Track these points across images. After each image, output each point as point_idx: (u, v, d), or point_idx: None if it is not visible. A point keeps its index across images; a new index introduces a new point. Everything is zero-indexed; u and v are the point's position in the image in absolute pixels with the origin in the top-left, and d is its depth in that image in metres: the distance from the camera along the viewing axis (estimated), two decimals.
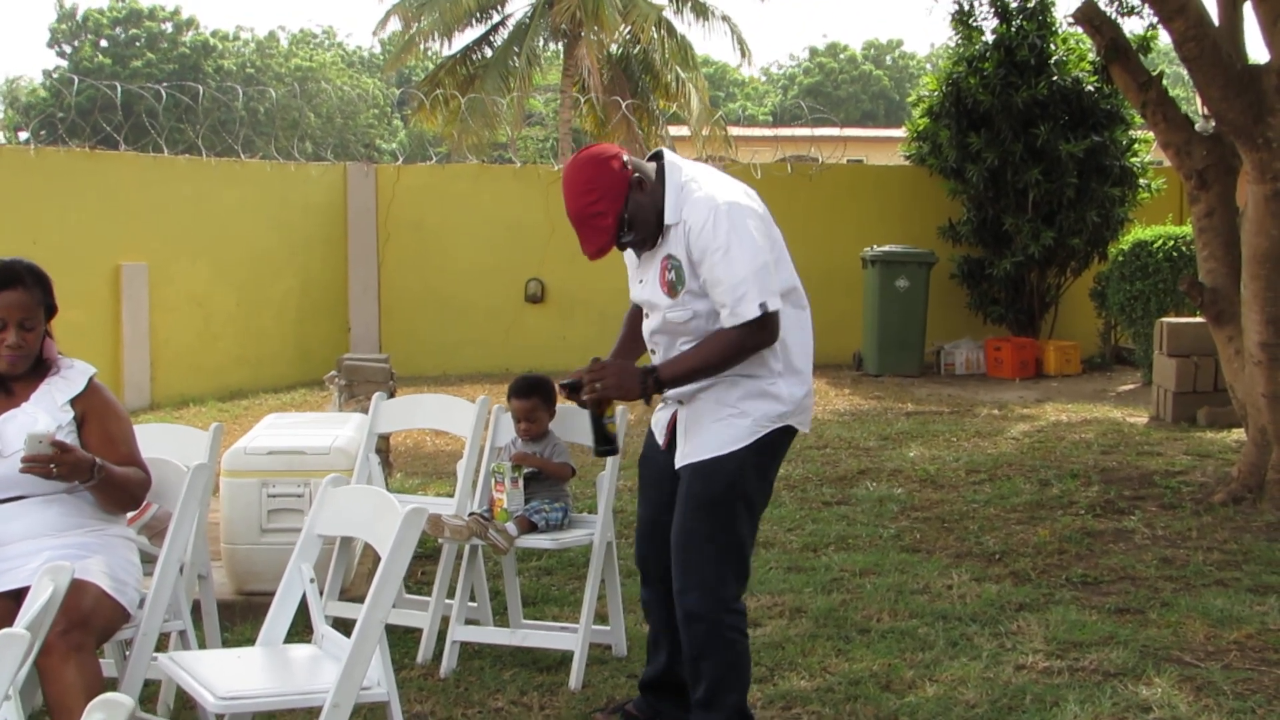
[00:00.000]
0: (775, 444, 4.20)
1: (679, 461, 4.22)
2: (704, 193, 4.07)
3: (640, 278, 4.27)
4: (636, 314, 4.46)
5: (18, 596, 3.60)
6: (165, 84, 14.65)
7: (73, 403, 4.16)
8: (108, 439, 4.16)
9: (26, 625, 3.01)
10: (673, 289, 4.11)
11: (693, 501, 4.13)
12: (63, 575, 3.22)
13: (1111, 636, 5.47)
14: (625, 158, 4.11)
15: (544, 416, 5.28)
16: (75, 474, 3.93)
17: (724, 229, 3.98)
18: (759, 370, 4.12)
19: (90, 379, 4.24)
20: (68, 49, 57.65)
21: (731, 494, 4.13)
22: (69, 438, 4.06)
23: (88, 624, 3.73)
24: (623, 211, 4.05)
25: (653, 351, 4.32)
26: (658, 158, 4.21)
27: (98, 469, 3.98)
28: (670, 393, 4.23)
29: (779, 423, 4.14)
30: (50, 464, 3.86)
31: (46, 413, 4.10)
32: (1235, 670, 5.09)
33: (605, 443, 4.26)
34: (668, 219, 4.10)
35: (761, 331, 4.02)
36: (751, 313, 3.96)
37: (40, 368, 4.19)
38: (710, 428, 4.14)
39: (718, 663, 4.11)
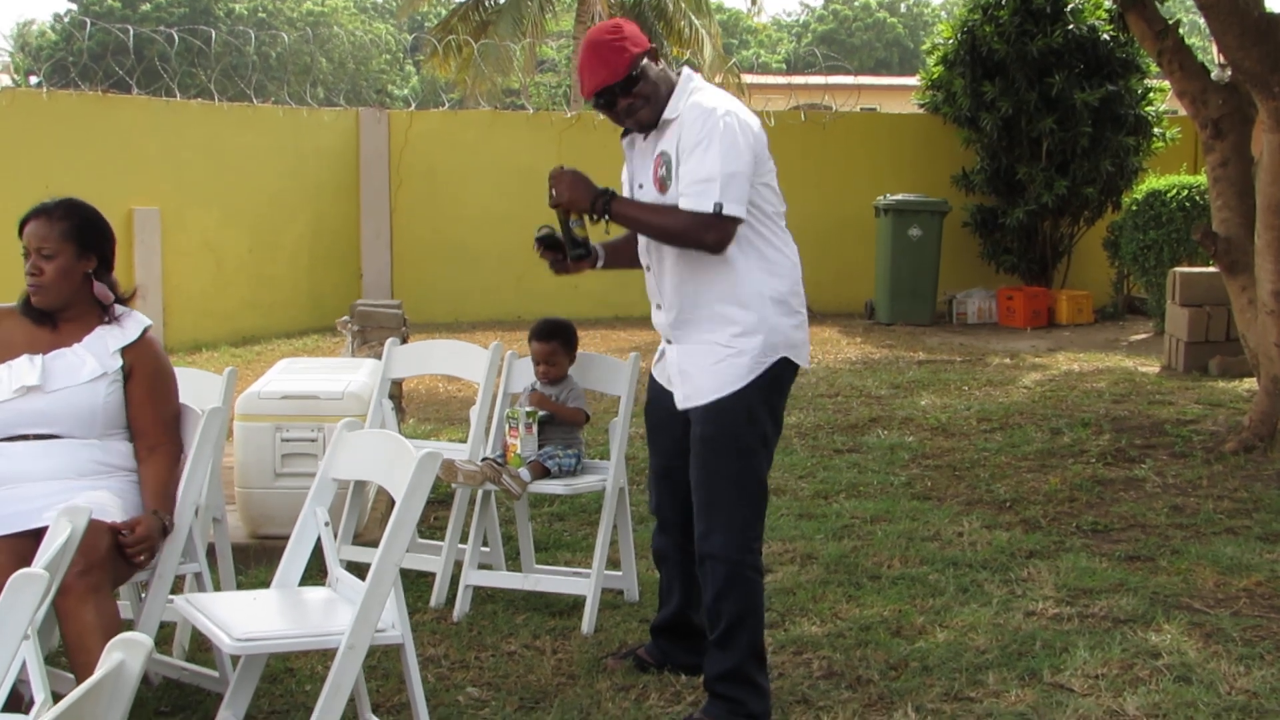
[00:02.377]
0: (778, 378, 4.21)
1: (680, 404, 4.24)
2: (708, 98, 4.13)
3: (640, 182, 4.28)
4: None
5: (37, 536, 3.62)
6: (176, 28, 14.58)
7: (123, 351, 4.21)
8: (150, 397, 4.22)
9: (45, 565, 3.04)
10: (663, 184, 4.14)
11: (708, 445, 4.15)
12: (80, 516, 3.24)
13: (1121, 583, 5.50)
14: None
15: (564, 360, 5.29)
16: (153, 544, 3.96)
17: (711, 127, 4.03)
18: (747, 301, 4.12)
19: (145, 331, 4.29)
20: None
21: (745, 434, 4.15)
22: (115, 386, 4.15)
23: (105, 565, 3.76)
24: (642, 57, 4.11)
25: (647, 268, 4.33)
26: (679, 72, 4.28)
27: (165, 522, 4.02)
28: (658, 321, 4.29)
29: (774, 354, 4.15)
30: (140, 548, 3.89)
31: (96, 357, 4.16)
32: (1244, 617, 5.11)
33: (575, 245, 4.27)
34: (668, 113, 4.15)
35: (707, 231, 4.02)
36: (705, 206, 3.98)
37: (93, 311, 4.25)
38: (709, 369, 4.15)
39: (737, 603, 4.14)
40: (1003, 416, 9.12)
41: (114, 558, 3.81)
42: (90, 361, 4.14)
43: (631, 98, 4.14)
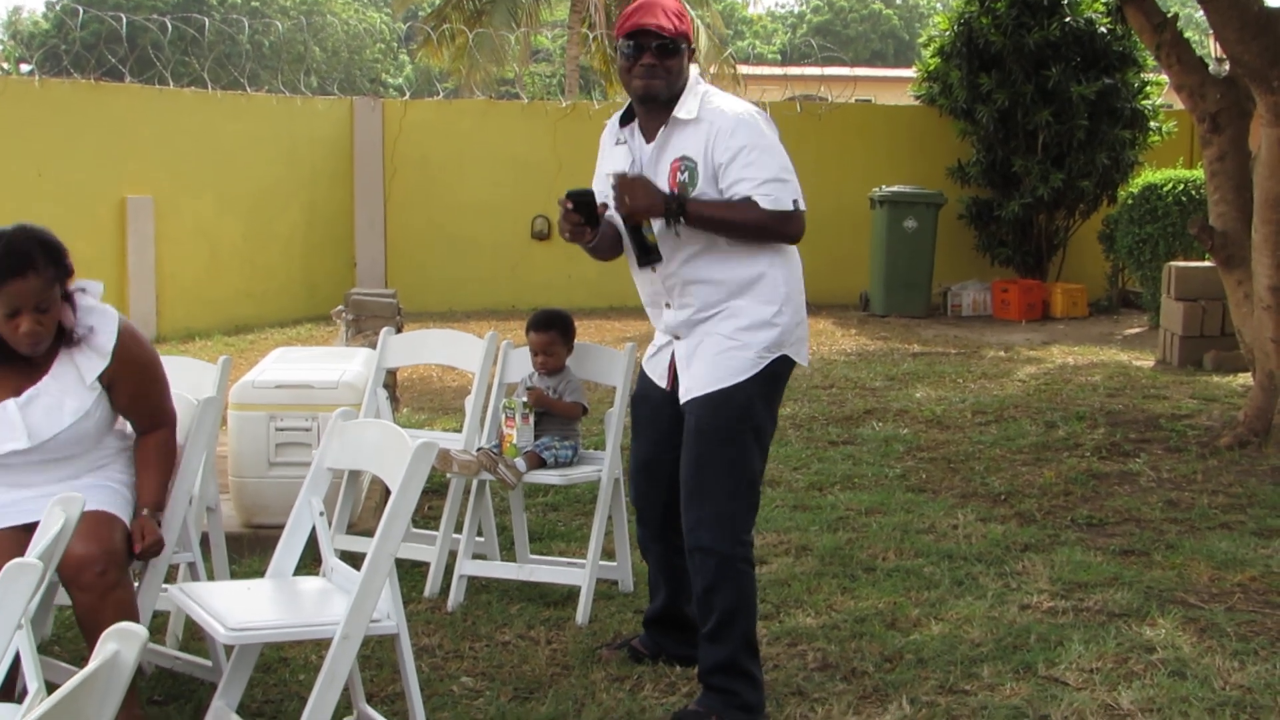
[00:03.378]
0: (778, 374, 4.21)
1: (684, 396, 4.22)
2: (726, 102, 4.17)
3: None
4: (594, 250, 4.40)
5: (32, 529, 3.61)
6: (169, 16, 14.54)
7: (100, 377, 3.92)
8: (136, 397, 4.02)
9: (38, 555, 3.02)
10: (683, 189, 4.11)
11: (703, 436, 4.14)
12: (74, 506, 3.22)
13: (1116, 578, 5.49)
14: None
15: (561, 351, 5.27)
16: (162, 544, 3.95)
17: (756, 131, 4.09)
18: (759, 297, 4.12)
19: (117, 339, 3.94)
20: None
21: (742, 426, 4.14)
22: (100, 405, 3.92)
23: (121, 560, 3.77)
24: (687, 41, 4.14)
25: (653, 269, 4.30)
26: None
27: (158, 520, 3.99)
28: (669, 320, 4.25)
29: (777, 351, 4.15)
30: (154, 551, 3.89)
31: (73, 394, 3.88)
32: (1239, 612, 5.11)
33: (647, 253, 4.20)
34: (682, 113, 4.13)
35: (788, 224, 4.10)
36: (787, 203, 4.06)
37: (58, 334, 3.88)
38: (712, 359, 4.14)
39: (728, 595, 4.13)
40: (997, 409, 9.12)
41: (127, 550, 3.82)
42: (68, 401, 3.87)
43: (659, 62, 4.11)
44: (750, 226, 4.09)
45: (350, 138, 15.65)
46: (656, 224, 4.17)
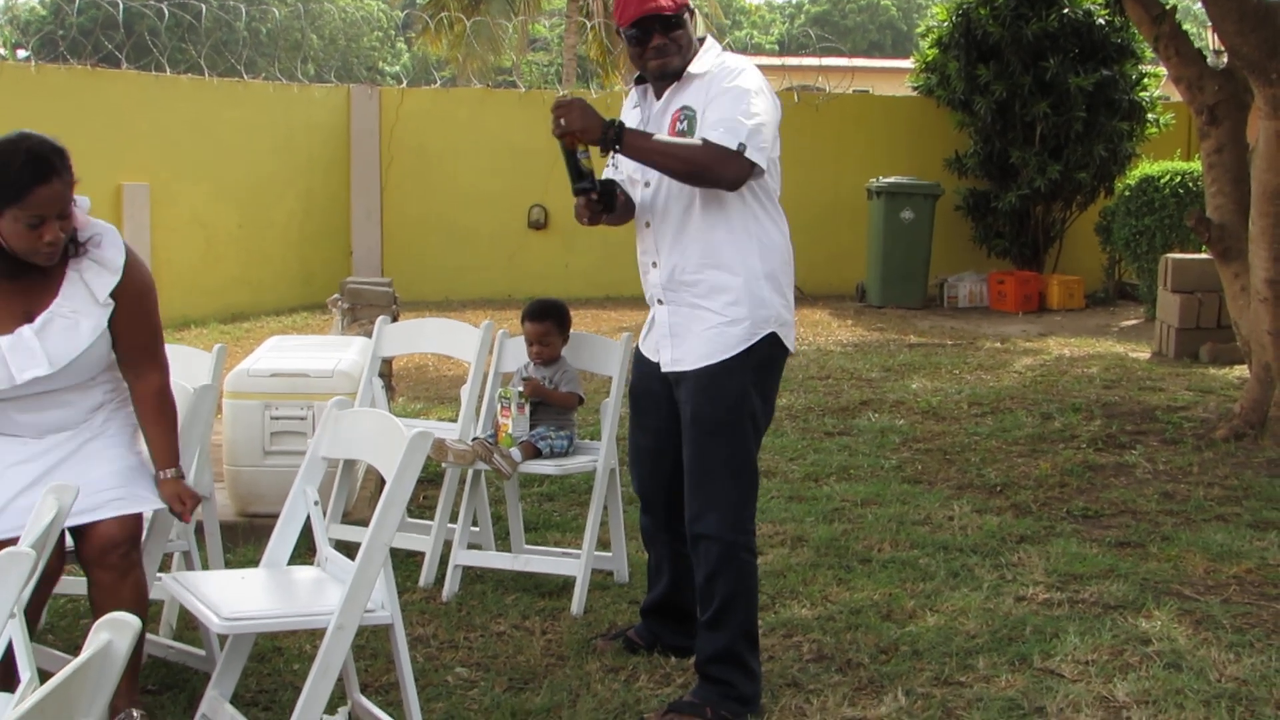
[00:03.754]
0: (770, 359, 4.20)
1: (667, 365, 4.22)
2: (736, 59, 4.18)
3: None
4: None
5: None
6: (167, 2, 14.50)
7: (112, 293, 3.85)
8: (136, 323, 3.91)
9: (31, 544, 3.01)
10: (682, 137, 4.09)
11: (701, 426, 4.13)
12: (66, 495, 3.21)
13: (1112, 569, 5.49)
14: None
15: (557, 341, 5.27)
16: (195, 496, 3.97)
17: (745, 81, 4.06)
18: (745, 271, 4.10)
19: (125, 255, 3.91)
20: None
21: (738, 414, 4.13)
22: (102, 337, 3.83)
23: (139, 536, 3.85)
24: (688, 10, 4.12)
25: (646, 225, 4.26)
26: (699, 40, 4.27)
27: (182, 472, 4.01)
28: (653, 279, 4.23)
29: (767, 328, 4.12)
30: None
31: (86, 312, 3.80)
32: (1234, 604, 5.11)
33: (581, 178, 4.15)
34: (696, 68, 4.13)
35: (728, 164, 3.96)
36: (731, 142, 3.94)
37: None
38: (700, 334, 4.14)
39: (730, 584, 4.12)
40: (994, 401, 9.11)
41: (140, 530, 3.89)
42: (84, 321, 3.80)
43: (668, 39, 4.11)
44: (684, 158, 3.99)
45: (347, 126, 15.62)
46: (648, 192, 4.19)
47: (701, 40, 4.26)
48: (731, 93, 4.02)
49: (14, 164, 3.65)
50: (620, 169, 4.35)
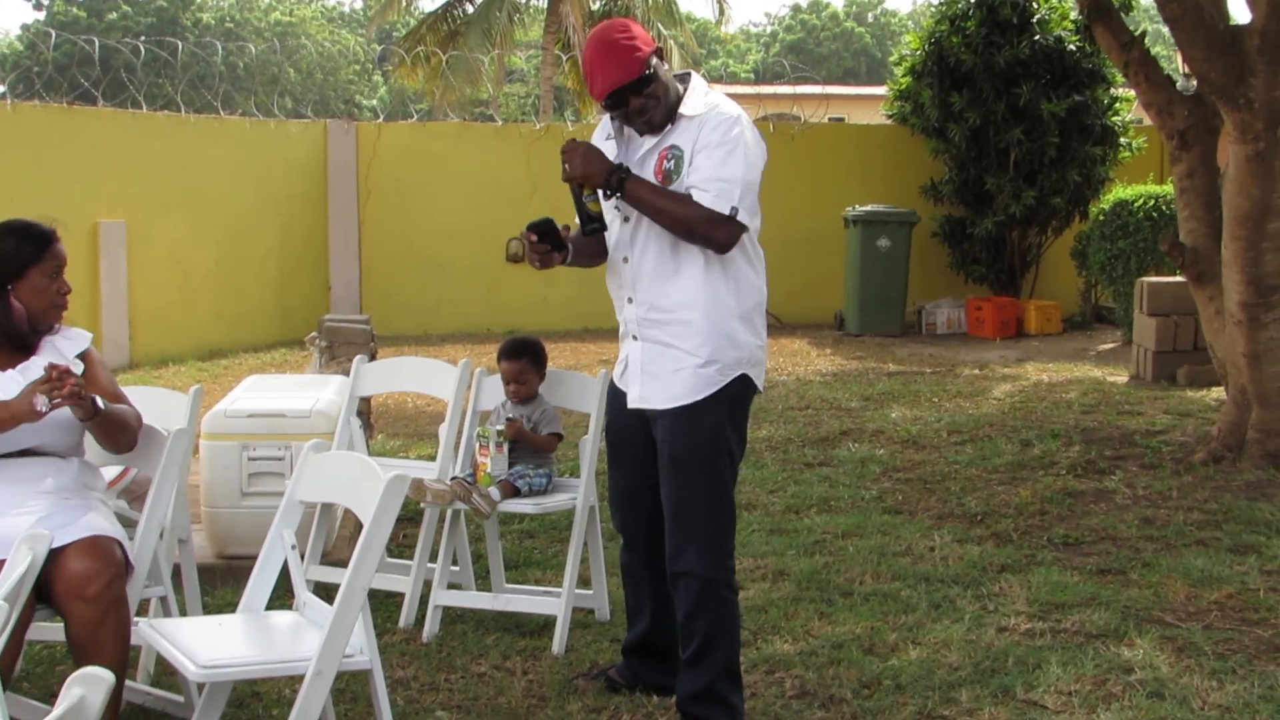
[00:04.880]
0: (743, 396, 4.21)
1: (634, 402, 4.23)
2: (729, 105, 4.17)
3: (634, 169, 4.23)
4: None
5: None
6: (143, 38, 14.49)
7: (80, 356, 4.22)
8: (107, 391, 4.21)
9: (4, 596, 2.99)
10: (667, 178, 4.11)
11: (678, 463, 4.13)
12: (41, 544, 3.19)
13: (1093, 597, 5.49)
14: None
15: (533, 379, 5.26)
16: (83, 403, 3.94)
17: (737, 134, 4.07)
18: (719, 312, 4.11)
19: (90, 336, 4.36)
20: (45, 1, 57.05)
21: (715, 450, 4.13)
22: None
23: (124, 574, 3.85)
24: (652, 56, 4.09)
25: (624, 260, 4.26)
26: (684, 77, 4.28)
27: (100, 402, 4.03)
28: (628, 315, 4.24)
29: (738, 369, 4.14)
30: (72, 384, 3.87)
31: (60, 361, 4.10)
32: (1216, 630, 5.11)
33: (589, 221, 4.22)
34: (688, 109, 4.14)
35: (719, 229, 4.03)
36: (724, 207, 4.00)
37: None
38: (671, 375, 4.14)
39: (710, 621, 4.12)
40: (973, 428, 9.13)
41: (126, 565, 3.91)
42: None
43: (644, 98, 4.11)
44: (680, 219, 4.05)
45: (324, 161, 15.62)
46: (628, 227, 4.19)
47: (685, 76, 4.27)
48: (724, 147, 4.04)
49: (30, 227, 4.23)
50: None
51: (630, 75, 4.06)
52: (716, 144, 4.04)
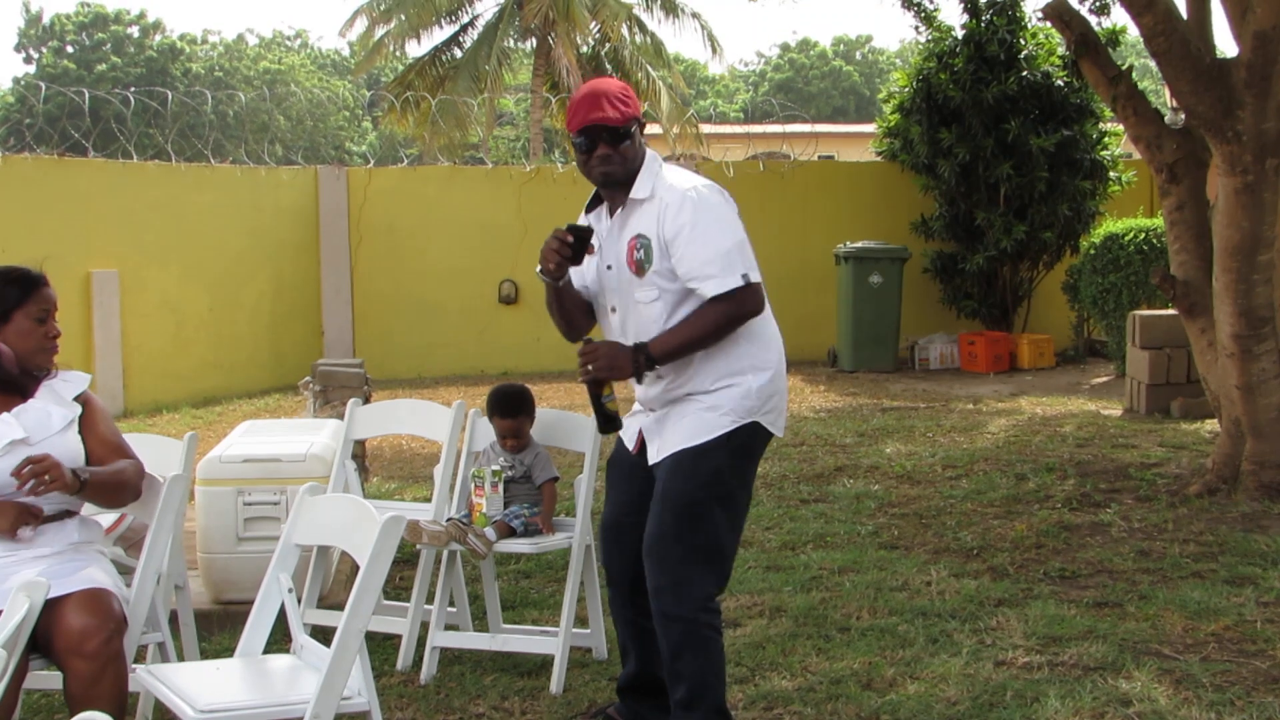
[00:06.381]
0: (750, 446, 4.21)
1: (654, 458, 4.23)
2: (679, 177, 4.20)
3: (609, 263, 4.26)
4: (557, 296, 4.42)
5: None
6: (133, 89, 14.55)
7: (77, 398, 4.24)
8: (105, 434, 4.24)
9: (1, 644, 2.99)
10: (640, 268, 4.15)
11: (667, 501, 4.13)
12: (38, 591, 3.19)
13: (1090, 630, 5.49)
14: None
15: (527, 430, 5.28)
16: (65, 485, 3.91)
17: (694, 206, 4.09)
18: (731, 363, 4.14)
19: (88, 378, 4.37)
20: (35, 54, 57.32)
21: (706, 494, 4.13)
22: (72, 429, 4.16)
23: (123, 630, 3.84)
24: (636, 123, 4.16)
25: (613, 310, 4.30)
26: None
27: (80, 473, 3.99)
28: (641, 394, 4.25)
29: (749, 416, 4.15)
30: (41, 472, 3.85)
31: (57, 405, 4.16)
32: (1214, 662, 5.11)
33: (607, 420, 4.26)
34: (638, 193, 4.17)
35: (745, 303, 4.09)
36: (735, 282, 4.04)
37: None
38: (679, 423, 4.17)
39: (695, 662, 4.11)
40: (968, 463, 9.13)
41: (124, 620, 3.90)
42: (55, 410, 4.15)
43: (614, 150, 4.14)
44: (714, 330, 4.10)
45: (315, 206, 15.65)
46: (615, 319, 4.22)
47: (645, 152, 4.29)
48: (696, 227, 4.07)
49: (17, 271, 4.21)
50: (596, 277, 4.37)
51: (617, 120, 4.12)
52: (687, 227, 4.07)
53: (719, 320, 4.08)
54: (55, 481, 3.86)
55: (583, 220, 4.40)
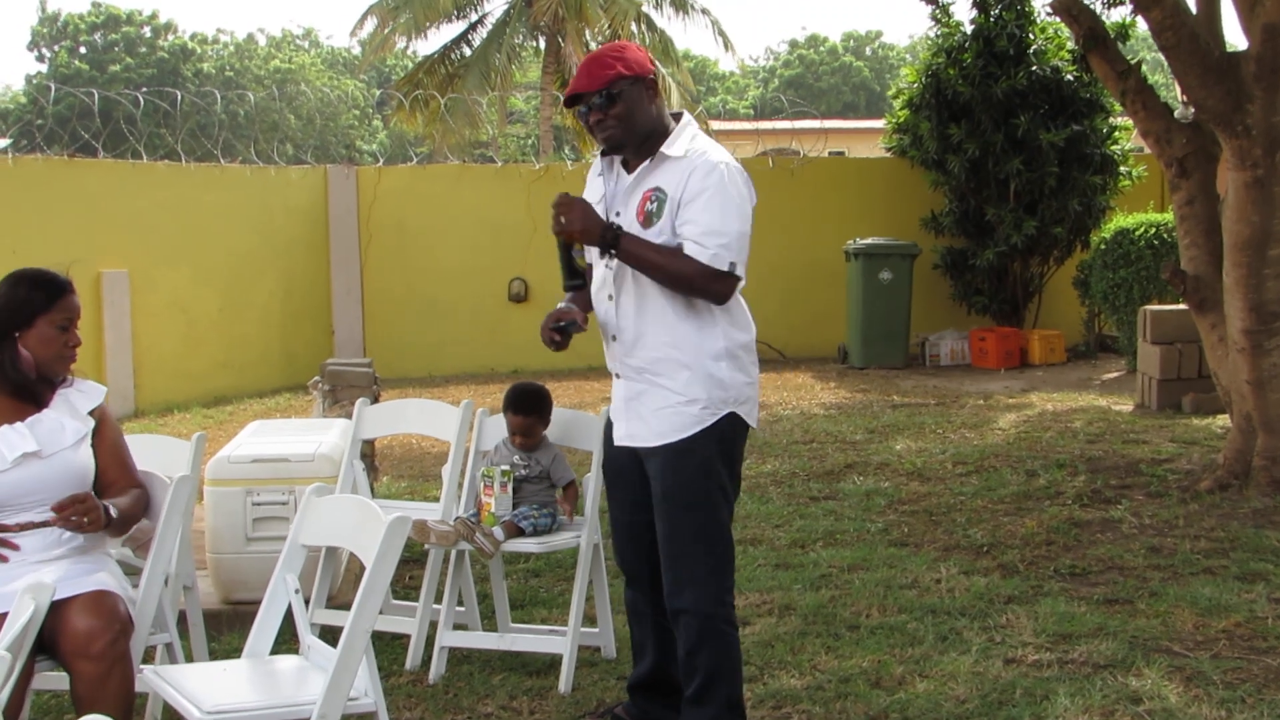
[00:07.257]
0: (732, 433, 4.20)
1: (620, 439, 4.25)
2: (713, 148, 4.18)
3: (617, 210, 4.24)
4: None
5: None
6: (143, 89, 14.58)
7: (91, 413, 4.22)
8: (116, 451, 4.24)
9: (7, 646, 2.99)
10: (649, 219, 4.12)
11: (670, 501, 4.13)
12: (43, 594, 3.19)
13: (1101, 628, 5.47)
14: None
15: (540, 429, 5.27)
16: (97, 524, 3.94)
17: (722, 181, 4.07)
18: (704, 352, 4.11)
19: (104, 389, 4.35)
20: (48, 54, 57.47)
21: (706, 487, 4.13)
22: (89, 447, 4.16)
23: (129, 631, 3.84)
24: (628, 81, 4.11)
25: (609, 298, 4.27)
26: (676, 116, 4.29)
27: (113, 510, 4.02)
28: (614, 352, 4.27)
29: (725, 408, 4.13)
30: (84, 513, 3.89)
31: (71, 417, 4.14)
32: (1224, 659, 5.09)
33: (574, 276, 4.23)
34: (671, 150, 4.15)
35: (717, 284, 4.06)
36: (723, 265, 4.02)
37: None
38: (656, 413, 4.15)
39: (711, 657, 4.11)
40: (978, 459, 9.11)
41: (132, 622, 3.90)
42: (69, 423, 4.13)
43: (604, 114, 4.13)
44: (677, 275, 4.07)
45: (325, 206, 15.67)
46: (610, 305, 4.22)
47: (678, 115, 4.28)
48: (716, 198, 4.05)
49: (45, 275, 4.20)
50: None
51: (592, 86, 4.12)
52: (708, 194, 4.05)
53: (688, 275, 4.04)
54: (93, 524, 3.90)
55: (595, 166, 4.39)
